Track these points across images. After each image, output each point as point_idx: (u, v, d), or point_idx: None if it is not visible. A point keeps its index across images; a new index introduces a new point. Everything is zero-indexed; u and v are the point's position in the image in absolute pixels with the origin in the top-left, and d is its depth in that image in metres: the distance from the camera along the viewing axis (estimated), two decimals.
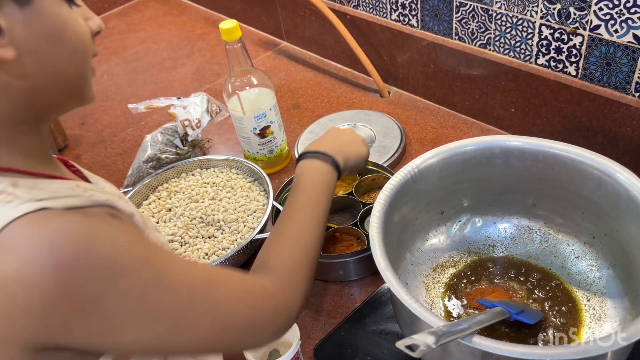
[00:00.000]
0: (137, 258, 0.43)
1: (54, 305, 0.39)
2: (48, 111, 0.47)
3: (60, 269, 0.38)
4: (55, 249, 0.38)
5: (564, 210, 0.69)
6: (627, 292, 0.62)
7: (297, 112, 1.19)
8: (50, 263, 0.38)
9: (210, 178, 0.94)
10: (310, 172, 0.67)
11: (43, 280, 0.38)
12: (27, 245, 0.38)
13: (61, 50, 0.43)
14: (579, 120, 0.89)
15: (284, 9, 1.37)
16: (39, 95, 0.44)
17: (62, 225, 0.40)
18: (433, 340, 0.43)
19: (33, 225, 0.39)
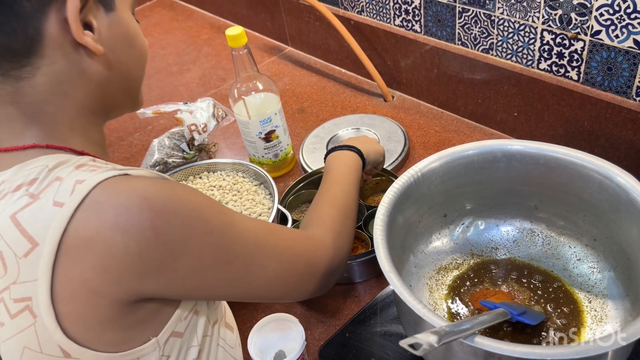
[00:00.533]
0: (212, 208, 0.49)
1: (148, 248, 0.43)
2: (112, 108, 0.54)
3: (154, 215, 0.43)
4: (147, 197, 0.43)
5: (565, 213, 0.70)
6: (627, 294, 0.63)
7: (302, 117, 1.21)
8: (144, 209, 0.43)
9: (217, 181, 0.96)
10: (341, 157, 0.77)
11: (140, 224, 0.42)
12: (121, 197, 0.42)
13: (132, 52, 0.52)
14: (581, 124, 0.90)
15: (288, 15, 1.39)
16: (109, 90, 0.51)
17: (148, 181, 0.45)
18: (436, 339, 0.44)
19: (123, 182, 0.44)
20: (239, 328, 0.77)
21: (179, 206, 0.45)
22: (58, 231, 0.41)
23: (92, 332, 0.43)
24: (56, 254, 0.41)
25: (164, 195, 0.44)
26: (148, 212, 0.43)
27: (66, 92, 0.48)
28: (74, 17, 0.44)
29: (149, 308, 0.46)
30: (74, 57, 0.47)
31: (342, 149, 0.78)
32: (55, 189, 0.43)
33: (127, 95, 0.54)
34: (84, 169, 0.45)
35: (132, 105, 0.56)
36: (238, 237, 0.50)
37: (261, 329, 0.72)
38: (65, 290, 0.42)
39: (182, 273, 0.46)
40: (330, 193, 0.71)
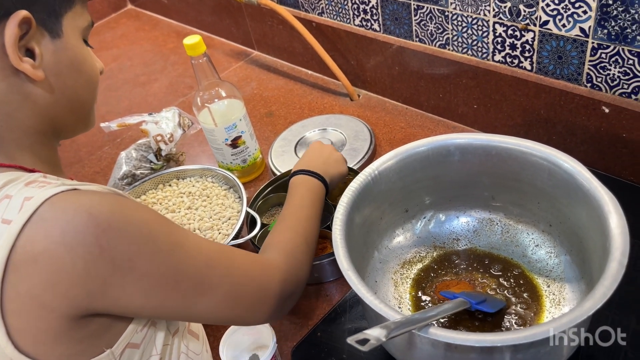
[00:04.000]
0: (162, 226, 0.49)
1: (95, 265, 0.43)
2: (62, 129, 0.55)
3: (100, 231, 0.43)
4: (94, 214, 0.43)
5: (520, 201, 0.72)
6: (583, 276, 0.65)
7: (270, 120, 1.22)
8: (91, 226, 0.43)
9: (187, 188, 0.96)
10: (305, 183, 0.77)
11: (85, 241, 0.43)
12: (68, 213, 0.43)
13: (80, 77, 0.53)
14: (538, 113, 0.92)
15: (252, 19, 1.40)
16: (56, 113, 0.52)
17: (96, 197, 0.45)
18: (384, 333, 0.45)
19: (70, 198, 0.44)
20: (211, 334, 0.78)
21: (126, 223, 0.45)
22: (5, 248, 0.42)
23: (43, 345, 0.44)
24: (5, 270, 0.42)
25: (110, 211, 0.45)
26: (94, 228, 0.43)
27: (9, 114, 0.49)
28: (11, 44, 0.46)
29: (101, 322, 0.47)
30: (14, 81, 0.48)
31: (307, 174, 0.79)
32: (4, 207, 0.44)
33: (76, 117, 0.55)
34: (34, 185, 0.45)
35: (83, 126, 0.57)
36: (188, 257, 0.50)
37: (233, 334, 0.73)
38: (14, 305, 0.43)
39: (129, 291, 0.46)
40: (293, 218, 0.71)
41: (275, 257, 0.62)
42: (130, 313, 0.50)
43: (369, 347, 0.43)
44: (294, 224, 0.70)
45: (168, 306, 0.50)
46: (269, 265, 0.60)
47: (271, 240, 0.67)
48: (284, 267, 0.61)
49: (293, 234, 0.68)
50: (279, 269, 0.60)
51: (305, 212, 0.72)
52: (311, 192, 0.76)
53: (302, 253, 0.66)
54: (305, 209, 0.73)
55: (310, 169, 0.79)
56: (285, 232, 0.68)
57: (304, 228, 0.70)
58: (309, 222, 0.71)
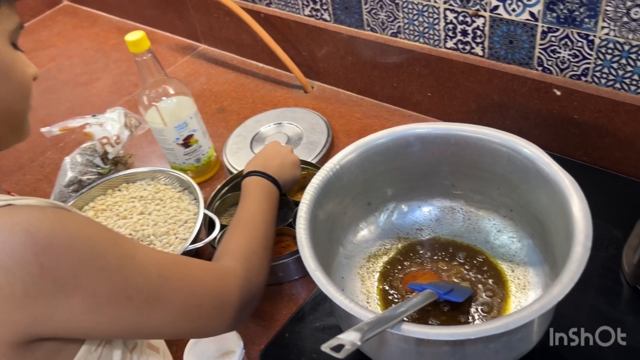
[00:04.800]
0: (107, 239, 0.46)
1: (36, 287, 0.40)
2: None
3: (39, 250, 0.40)
4: (31, 232, 0.40)
5: (481, 188, 0.72)
6: (546, 259, 0.66)
7: (222, 116, 1.18)
8: (28, 245, 0.40)
9: (138, 192, 0.92)
10: (258, 184, 0.75)
11: (24, 262, 0.39)
12: (2, 233, 0.40)
13: (8, 85, 0.49)
14: (491, 98, 0.93)
15: (197, 12, 1.35)
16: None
17: (34, 213, 0.42)
18: (358, 336, 0.44)
19: (4, 216, 0.41)
20: (174, 343, 0.75)
21: (69, 239, 0.42)
22: None
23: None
24: None
25: (50, 228, 0.41)
26: (32, 247, 0.40)
27: None
28: None
29: (50, 347, 0.44)
30: None
31: (262, 175, 0.76)
32: None
33: (7, 128, 0.51)
34: None
35: (16, 137, 0.54)
36: (139, 270, 0.47)
37: (196, 343, 0.70)
38: None
39: (78, 311, 0.43)
40: (249, 222, 0.69)
41: (231, 264, 0.60)
42: (81, 335, 0.46)
43: (345, 353, 0.42)
44: (250, 228, 0.67)
45: (121, 324, 0.47)
46: (225, 274, 0.57)
47: (226, 247, 0.64)
48: (242, 274, 0.58)
49: (249, 239, 0.65)
50: (236, 277, 0.58)
51: (261, 215, 0.70)
52: (266, 193, 0.73)
53: (260, 258, 0.64)
54: (260, 212, 0.70)
55: (265, 170, 0.77)
56: (241, 237, 0.66)
57: (259, 232, 0.67)
58: (264, 225, 0.69)
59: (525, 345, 0.57)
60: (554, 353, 0.62)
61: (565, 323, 0.63)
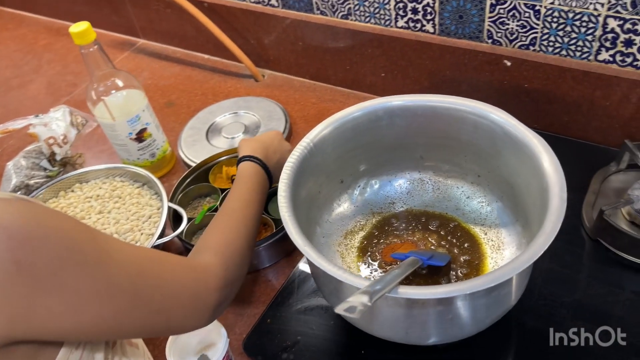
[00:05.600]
0: (84, 234, 0.43)
1: (13, 286, 0.37)
2: None
3: (14, 245, 0.37)
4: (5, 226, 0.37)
5: (448, 157, 0.74)
6: (517, 219, 0.69)
7: (172, 110, 1.14)
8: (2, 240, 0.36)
9: (93, 191, 0.87)
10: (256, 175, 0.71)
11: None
12: None
13: None
14: (444, 74, 0.95)
15: (134, 6, 1.30)
16: None
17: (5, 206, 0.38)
18: (367, 299, 0.44)
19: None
20: (151, 342, 0.72)
21: (45, 234, 0.39)
22: None
23: None
24: None
25: (24, 221, 0.38)
26: (7, 242, 0.37)
27: None
28: None
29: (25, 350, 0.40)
30: None
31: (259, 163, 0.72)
32: None
33: None
34: None
35: None
36: (118, 266, 0.44)
37: (178, 338, 0.68)
38: None
39: (57, 311, 0.40)
40: (238, 216, 0.65)
41: (211, 261, 0.57)
42: (60, 336, 0.43)
43: (359, 313, 0.42)
44: (238, 222, 0.64)
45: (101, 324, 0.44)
46: (203, 271, 0.55)
47: (210, 240, 0.61)
48: (222, 273, 0.56)
49: (235, 234, 0.62)
50: (215, 276, 0.55)
51: (251, 209, 0.67)
52: (261, 186, 0.70)
53: (242, 257, 0.61)
54: (252, 205, 0.67)
55: (265, 161, 0.73)
56: (227, 231, 0.62)
57: (247, 228, 0.64)
58: (252, 221, 0.66)
59: (507, 303, 0.58)
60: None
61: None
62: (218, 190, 0.88)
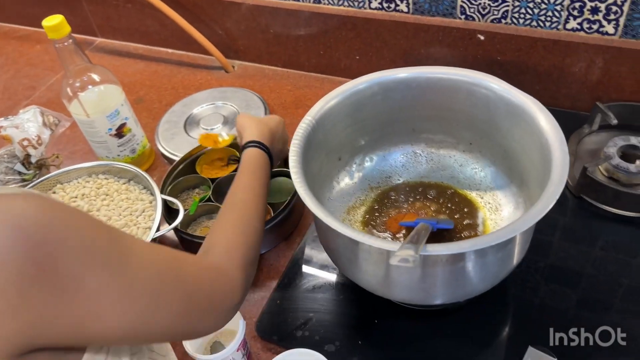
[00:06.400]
0: (104, 233, 0.40)
1: (32, 289, 0.34)
2: None
3: (32, 246, 0.34)
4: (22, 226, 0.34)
5: (440, 128, 0.77)
6: (512, 181, 0.72)
7: (143, 107, 1.11)
8: (20, 240, 0.34)
9: (78, 190, 0.84)
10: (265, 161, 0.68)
11: (16, 261, 0.34)
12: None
13: None
14: (419, 52, 0.98)
15: (91, 3, 1.25)
16: None
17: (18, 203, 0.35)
18: (413, 248, 0.46)
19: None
20: None
21: (65, 233, 0.36)
22: None
23: None
24: None
25: (42, 220, 0.35)
26: (25, 243, 0.34)
27: None
28: None
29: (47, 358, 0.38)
30: None
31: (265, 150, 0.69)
32: None
33: None
34: None
35: None
36: (139, 268, 0.42)
37: None
38: None
39: (79, 314, 0.37)
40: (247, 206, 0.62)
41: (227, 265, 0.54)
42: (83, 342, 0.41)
43: (414, 262, 0.43)
44: (251, 218, 0.61)
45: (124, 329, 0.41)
46: (220, 276, 0.52)
47: (222, 238, 0.58)
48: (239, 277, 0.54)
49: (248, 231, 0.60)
50: (232, 280, 0.53)
51: (261, 202, 0.64)
52: (267, 177, 0.68)
53: (256, 254, 0.60)
54: (261, 199, 0.64)
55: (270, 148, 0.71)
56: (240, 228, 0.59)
57: (259, 222, 0.62)
58: (263, 214, 0.63)
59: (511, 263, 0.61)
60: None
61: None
62: (208, 181, 0.87)
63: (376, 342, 0.67)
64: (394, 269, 0.57)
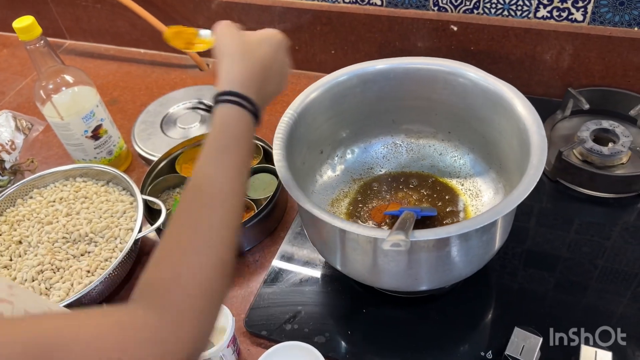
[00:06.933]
0: None
1: None
2: None
3: None
4: None
5: (419, 118, 0.78)
6: (491, 167, 0.74)
7: (117, 108, 1.10)
8: None
9: (56, 194, 0.82)
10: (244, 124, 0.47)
11: None
12: None
13: None
14: (393, 45, 0.99)
15: (58, 5, 1.23)
16: None
17: None
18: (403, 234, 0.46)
19: None
20: None
21: None
22: None
23: None
24: None
25: None
26: None
27: None
28: None
29: None
30: None
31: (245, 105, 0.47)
32: None
33: None
34: None
35: None
36: None
37: None
38: None
39: None
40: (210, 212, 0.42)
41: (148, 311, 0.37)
42: None
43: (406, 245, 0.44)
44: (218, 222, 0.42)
45: None
46: (131, 329, 0.36)
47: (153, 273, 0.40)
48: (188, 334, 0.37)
49: (206, 252, 0.40)
50: (150, 332, 0.36)
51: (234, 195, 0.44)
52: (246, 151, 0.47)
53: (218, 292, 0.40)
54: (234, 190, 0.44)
55: (257, 94, 0.48)
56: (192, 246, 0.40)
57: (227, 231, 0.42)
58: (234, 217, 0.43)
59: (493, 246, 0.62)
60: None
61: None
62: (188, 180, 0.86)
63: (365, 331, 0.68)
64: (381, 257, 0.58)
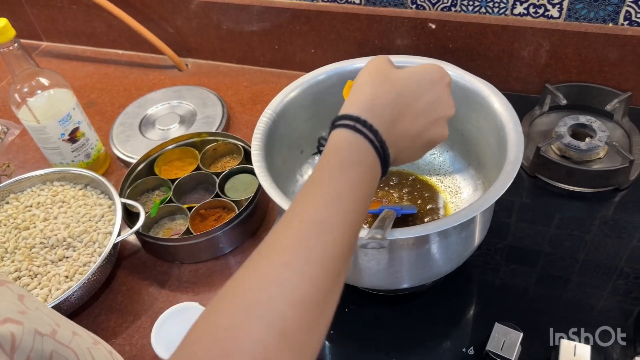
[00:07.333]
0: None
1: None
2: None
3: None
4: None
5: None
6: (469, 163, 0.74)
7: (95, 110, 1.08)
8: None
9: (32, 199, 0.81)
10: (349, 150, 0.40)
11: None
12: None
13: None
14: (372, 43, 0.99)
15: (33, 6, 1.21)
16: None
17: None
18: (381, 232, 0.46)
19: None
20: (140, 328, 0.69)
21: None
22: None
23: None
24: None
25: None
26: None
27: None
28: None
29: None
30: None
31: (366, 136, 0.40)
32: None
33: None
34: None
35: None
36: None
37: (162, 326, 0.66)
38: None
39: None
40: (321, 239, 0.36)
41: None
42: None
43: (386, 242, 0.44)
44: (316, 257, 0.35)
45: None
46: None
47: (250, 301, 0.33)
48: None
49: (309, 284, 0.34)
50: None
51: (345, 234, 0.37)
52: (365, 187, 0.40)
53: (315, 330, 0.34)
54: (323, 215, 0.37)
55: (387, 129, 0.41)
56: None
57: (333, 265, 0.36)
58: (347, 257, 0.37)
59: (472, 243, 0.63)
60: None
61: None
62: (168, 182, 0.85)
63: (348, 330, 0.68)
64: (361, 256, 0.58)
